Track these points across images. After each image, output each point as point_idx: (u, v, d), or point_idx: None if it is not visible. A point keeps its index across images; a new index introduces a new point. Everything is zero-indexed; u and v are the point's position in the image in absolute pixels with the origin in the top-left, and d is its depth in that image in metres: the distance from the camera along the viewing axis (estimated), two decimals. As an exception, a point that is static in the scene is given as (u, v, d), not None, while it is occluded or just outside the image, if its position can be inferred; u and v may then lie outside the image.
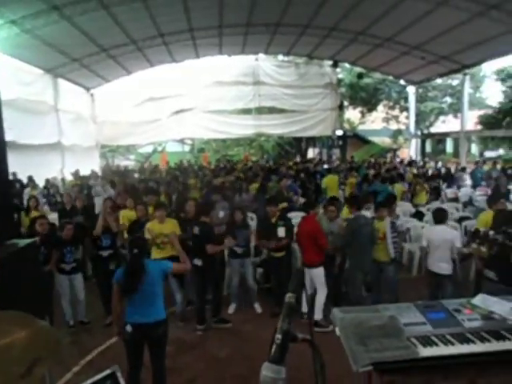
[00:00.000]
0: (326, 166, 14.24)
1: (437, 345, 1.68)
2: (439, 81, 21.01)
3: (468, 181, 11.31)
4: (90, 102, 16.62)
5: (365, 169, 13.31)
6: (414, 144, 20.08)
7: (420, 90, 20.61)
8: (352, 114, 24.72)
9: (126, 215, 6.03)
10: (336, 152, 22.88)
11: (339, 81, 20.07)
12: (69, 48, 11.85)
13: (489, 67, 20.83)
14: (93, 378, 1.99)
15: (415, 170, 12.65)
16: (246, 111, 18.90)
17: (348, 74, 21.74)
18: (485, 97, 22.54)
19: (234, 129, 18.21)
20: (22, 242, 2.80)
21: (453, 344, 1.68)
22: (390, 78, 19.92)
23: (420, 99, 20.77)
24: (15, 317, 1.06)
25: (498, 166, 12.69)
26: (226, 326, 4.97)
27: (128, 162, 21.41)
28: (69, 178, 12.93)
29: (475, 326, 1.81)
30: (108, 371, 2.07)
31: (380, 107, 23.46)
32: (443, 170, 13.67)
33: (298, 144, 23.77)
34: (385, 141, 25.36)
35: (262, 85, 18.02)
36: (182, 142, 23.38)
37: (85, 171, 13.18)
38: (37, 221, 4.88)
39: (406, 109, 20.87)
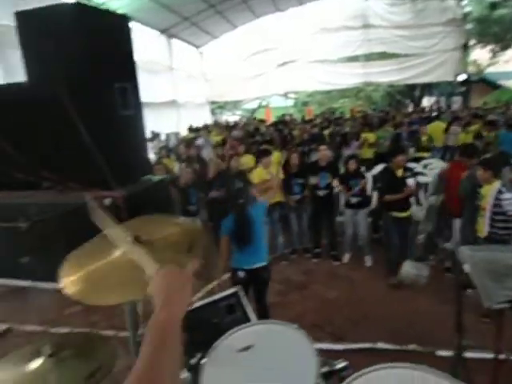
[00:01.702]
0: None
1: None
2: None
3: None
4: (199, 59, 17.43)
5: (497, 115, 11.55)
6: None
7: None
8: (479, 54, 21.28)
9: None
10: (457, 100, 20.21)
11: (465, 15, 17.29)
12: (181, 7, 12.42)
13: None
14: (220, 294, 2.24)
15: None
16: (354, 59, 17.69)
17: (477, 5, 18.53)
18: None
19: (341, 79, 17.31)
20: (155, 179, 3.16)
21: None
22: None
23: None
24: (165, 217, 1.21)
25: None
26: (336, 264, 5.32)
27: (235, 118, 22.19)
28: (183, 133, 14.02)
29: None
30: (232, 290, 2.29)
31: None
32: None
33: (411, 92, 21.62)
34: (519, 85, 21.51)
35: (371, 28, 16.55)
36: (285, 96, 23.21)
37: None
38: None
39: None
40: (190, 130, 13.31)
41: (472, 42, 19.27)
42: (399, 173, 4.67)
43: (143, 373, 0.67)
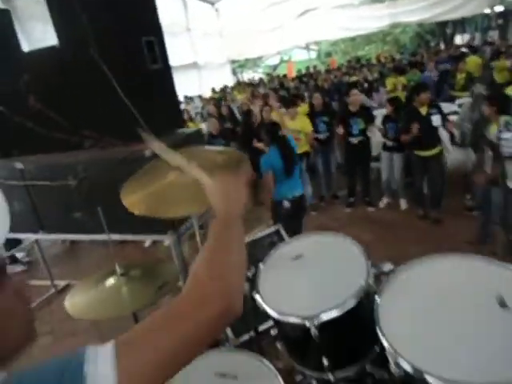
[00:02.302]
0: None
1: None
2: None
3: None
4: (216, 17, 16.91)
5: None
6: None
7: None
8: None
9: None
10: (493, 35, 18.71)
11: None
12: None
13: None
14: (263, 232, 2.35)
15: None
16: (378, 0, 16.61)
17: None
18: None
19: (366, 22, 16.37)
20: (188, 130, 3.26)
21: None
22: None
23: None
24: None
25: None
26: (370, 210, 5.38)
27: (257, 75, 21.75)
28: (206, 95, 13.95)
29: None
30: (274, 228, 2.40)
31: None
32: None
33: (443, 30, 20.23)
34: None
35: (395, -37, 15.35)
36: (307, 48, 22.34)
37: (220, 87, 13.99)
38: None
39: None
40: (214, 91, 13.22)
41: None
42: (423, 111, 4.53)
43: (211, 257, 0.73)
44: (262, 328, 1.62)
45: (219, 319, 0.63)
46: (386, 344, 1.06)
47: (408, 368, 0.99)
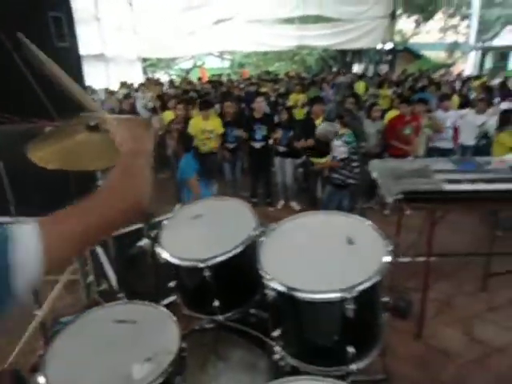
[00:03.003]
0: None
1: (461, 183, 1.91)
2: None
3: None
4: (129, 11, 16.29)
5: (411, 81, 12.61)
6: (473, 59, 18.41)
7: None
8: (405, 24, 22.57)
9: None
10: (384, 68, 21.47)
11: (394, -16, 18.11)
12: None
13: None
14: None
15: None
16: (290, 21, 17.79)
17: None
18: None
19: (277, 40, 17.38)
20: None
21: (475, 182, 1.91)
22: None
23: (486, 5, 18.47)
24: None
25: None
26: (270, 210, 5.76)
27: (168, 77, 21.42)
28: (114, 88, 13.31)
29: (501, 173, 2.00)
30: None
31: (438, 15, 21.21)
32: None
33: (343, 58, 22.45)
34: (439, 55, 23.30)
35: (307, -10, 16.67)
36: (221, 57, 22.78)
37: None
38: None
39: (467, 17, 18.77)
40: (123, 85, 12.70)
41: (399, 11, 20.34)
42: (318, 122, 5.05)
43: (123, 169, 0.86)
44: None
45: (131, 209, 0.82)
46: (263, 273, 1.32)
47: (280, 287, 1.25)
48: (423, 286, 2.07)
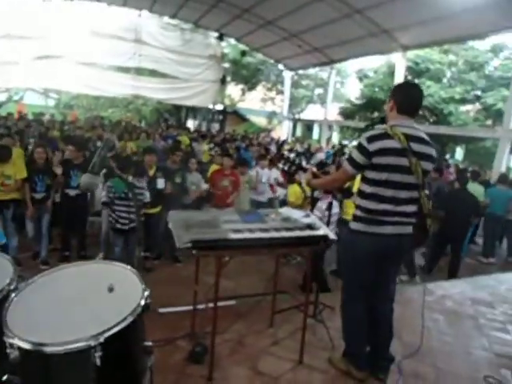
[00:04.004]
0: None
1: (243, 232, 2.21)
2: (312, 71, 23.21)
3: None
4: None
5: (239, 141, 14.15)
6: (287, 127, 21.95)
7: (295, 77, 22.46)
8: (233, 90, 25.47)
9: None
10: (215, 126, 23.43)
11: (224, 55, 20.45)
12: None
13: (352, 66, 23.81)
14: None
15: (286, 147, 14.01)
16: (125, 69, 17.82)
17: (232, 50, 22.28)
18: (347, 92, 25.71)
19: (110, 86, 16.99)
20: None
21: (254, 232, 2.24)
22: (271, 61, 21.17)
23: (294, 85, 22.60)
24: None
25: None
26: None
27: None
28: None
29: (275, 224, 2.41)
30: None
31: (259, 87, 24.74)
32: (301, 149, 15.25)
33: (178, 113, 23.53)
34: (261, 121, 26.92)
35: (143, 44, 17.15)
36: (45, 94, 20.82)
37: None
38: None
39: (282, 92, 22.50)
40: None
41: (228, 78, 22.91)
42: (151, 172, 5.18)
43: None
44: None
45: None
46: (7, 331, 1.21)
47: (25, 345, 1.17)
48: (212, 330, 2.22)
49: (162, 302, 3.59)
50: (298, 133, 26.25)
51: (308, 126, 26.58)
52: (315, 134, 28.71)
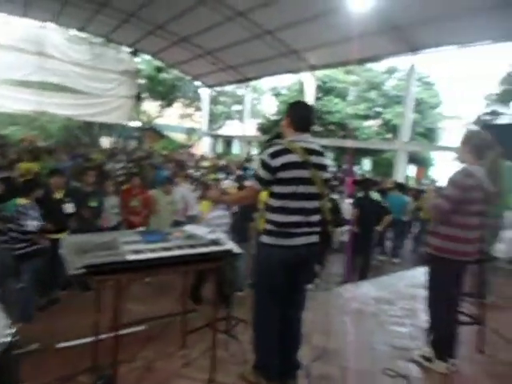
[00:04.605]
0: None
1: (144, 253, 2.14)
2: (229, 88, 23.69)
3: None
4: None
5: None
6: (207, 143, 21.99)
7: (213, 93, 22.72)
8: (151, 106, 24.90)
9: None
10: (132, 143, 22.57)
11: (138, 70, 19.93)
12: None
13: (267, 83, 24.82)
14: None
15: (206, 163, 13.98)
16: (26, 84, 16.37)
17: (147, 66, 21.85)
18: (264, 108, 26.67)
19: (9, 102, 15.51)
20: None
21: (156, 252, 2.19)
22: (188, 77, 21.16)
23: (213, 102, 22.84)
24: None
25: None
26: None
27: None
28: None
29: (179, 242, 2.38)
30: None
31: (178, 104, 24.53)
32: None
33: (90, 130, 22.23)
34: (180, 137, 26.61)
35: (48, 57, 16.00)
36: None
37: None
38: None
39: (200, 109, 22.57)
40: None
41: (144, 94, 22.36)
42: (57, 195, 4.79)
43: None
44: None
45: None
46: None
47: None
48: (113, 360, 2.11)
49: (66, 336, 3.32)
50: (219, 149, 26.45)
51: (228, 141, 26.93)
52: (235, 150, 29.19)
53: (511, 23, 8.15)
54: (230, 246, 2.52)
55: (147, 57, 20.33)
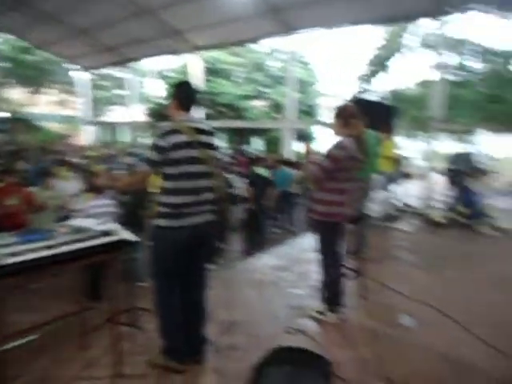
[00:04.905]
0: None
1: (24, 254, 1.95)
2: (109, 71, 21.98)
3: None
4: None
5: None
6: (91, 131, 20.21)
7: (94, 78, 20.81)
8: (18, 93, 21.84)
9: None
10: (2, 137, 19.64)
11: (-1, 53, 17.24)
12: None
13: (151, 66, 23.69)
14: None
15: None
16: None
17: (8, 47, 19.01)
18: (149, 91, 25.41)
19: None
20: None
21: (37, 251, 2.00)
22: (63, 60, 18.98)
23: (94, 87, 20.96)
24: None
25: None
26: None
27: None
28: None
29: (65, 238, 2.22)
30: None
31: (53, 91, 22.00)
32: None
33: None
34: (58, 127, 24.00)
35: None
36: None
37: None
38: None
39: (79, 95, 20.57)
40: None
41: (7, 79, 19.52)
42: None
43: None
44: None
45: None
46: None
47: None
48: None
49: None
50: (106, 137, 24.60)
51: (114, 129, 25.22)
52: (124, 137, 27.50)
53: (367, 8, 9.19)
54: (124, 235, 2.43)
55: (9, 36, 17.63)
